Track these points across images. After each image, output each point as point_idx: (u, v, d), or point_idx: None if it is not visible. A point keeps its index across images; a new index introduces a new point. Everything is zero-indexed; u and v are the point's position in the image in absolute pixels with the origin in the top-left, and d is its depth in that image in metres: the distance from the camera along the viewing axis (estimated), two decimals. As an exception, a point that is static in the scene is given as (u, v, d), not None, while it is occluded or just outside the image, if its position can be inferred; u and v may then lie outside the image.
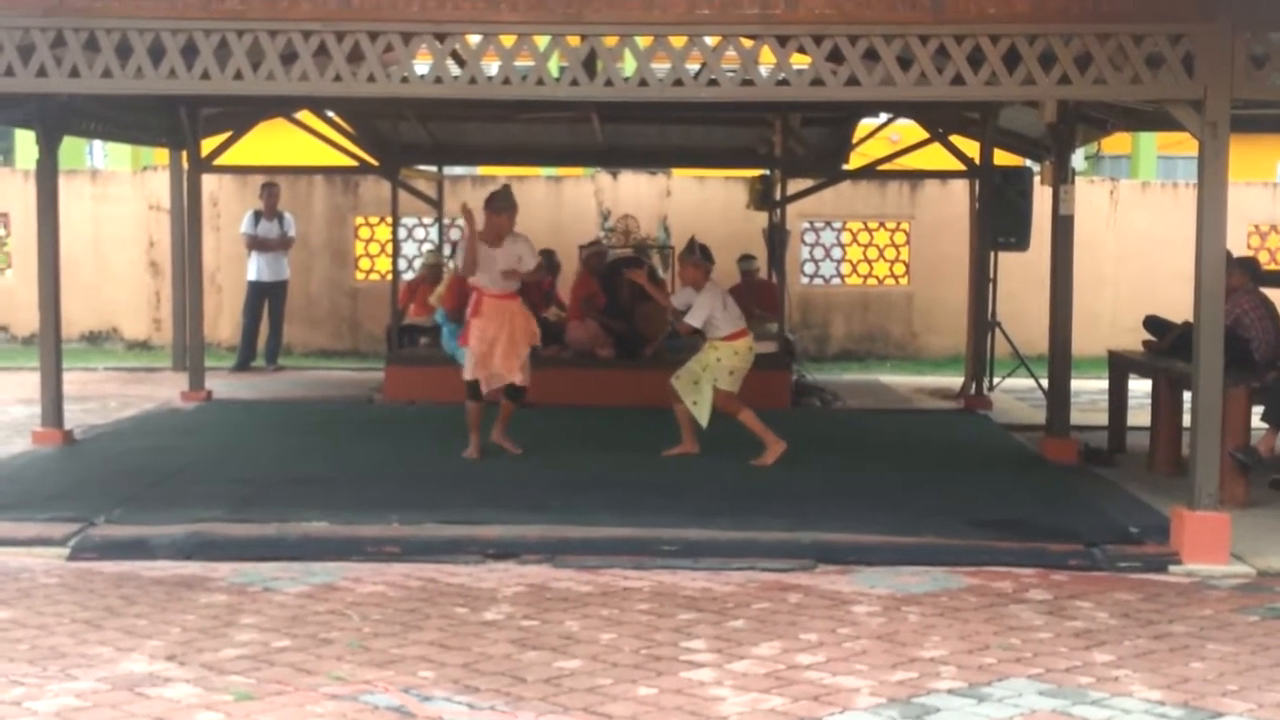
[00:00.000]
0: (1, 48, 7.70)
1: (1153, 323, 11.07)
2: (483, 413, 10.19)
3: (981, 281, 14.15)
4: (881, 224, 18.77)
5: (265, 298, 16.40)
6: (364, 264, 18.70)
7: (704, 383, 10.06)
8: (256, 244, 16.31)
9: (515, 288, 10.23)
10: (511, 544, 7.64)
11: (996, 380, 14.96)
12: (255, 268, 16.37)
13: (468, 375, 10.07)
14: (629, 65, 8.47)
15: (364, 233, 18.65)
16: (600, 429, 11.42)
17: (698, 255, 10.29)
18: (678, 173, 18.91)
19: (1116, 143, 21.16)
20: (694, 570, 7.30)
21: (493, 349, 9.96)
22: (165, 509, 8.26)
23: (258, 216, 16.36)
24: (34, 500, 8.46)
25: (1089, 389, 13.54)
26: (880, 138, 15.86)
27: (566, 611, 6.47)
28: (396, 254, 14.99)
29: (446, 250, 16.62)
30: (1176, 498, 7.98)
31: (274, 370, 16.32)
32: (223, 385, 14.31)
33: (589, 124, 14.36)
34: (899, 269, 18.80)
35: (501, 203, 10.19)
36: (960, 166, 14.20)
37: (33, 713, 5.01)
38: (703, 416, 10.06)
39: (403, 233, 17.64)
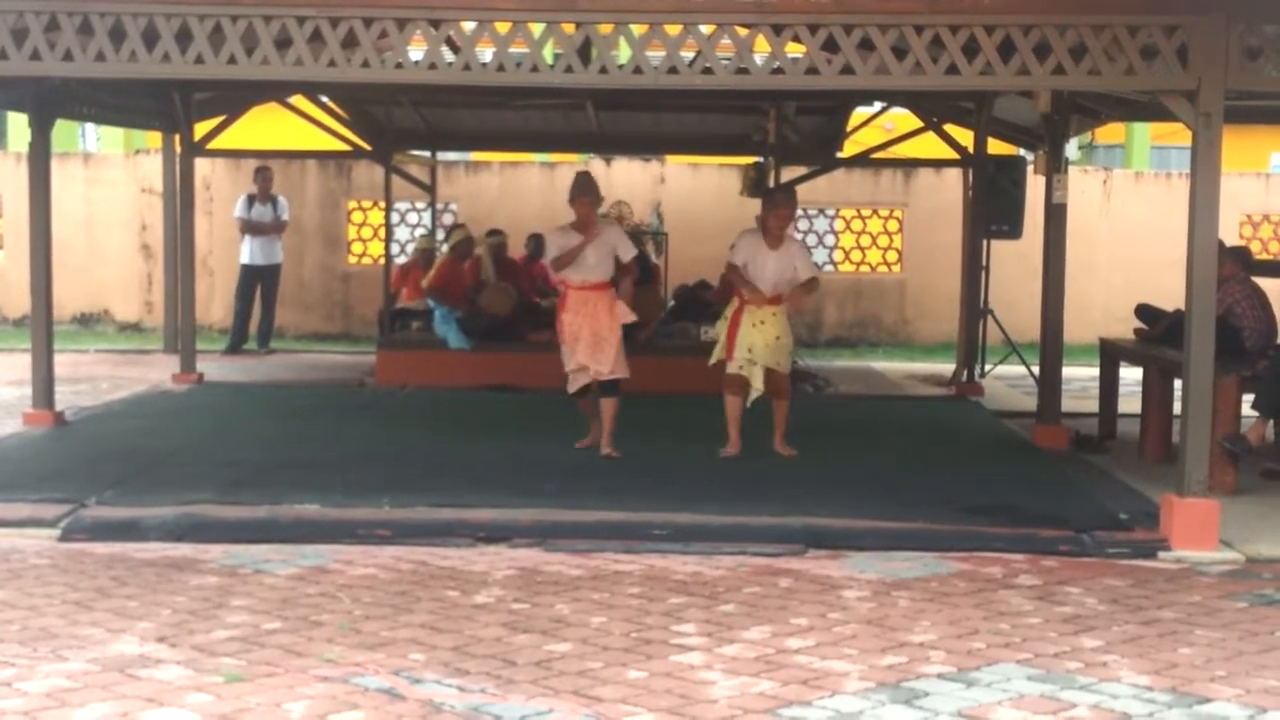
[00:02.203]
0: (-5, 30, 7.69)
1: (1144, 311, 11.09)
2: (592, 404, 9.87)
3: (974, 269, 14.16)
4: (875, 211, 18.80)
5: (257, 281, 16.38)
6: (356, 248, 18.69)
7: (767, 361, 9.72)
8: (250, 228, 16.28)
9: (603, 278, 9.69)
10: (503, 527, 7.66)
11: (988, 367, 14.97)
12: (248, 251, 16.35)
13: (566, 362, 9.74)
14: (624, 53, 8.47)
15: (356, 217, 18.64)
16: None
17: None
18: (672, 159, 18.91)
19: (1110, 132, 21.19)
20: (685, 554, 7.32)
21: (577, 343, 9.57)
22: (156, 491, 8.27)
23: (251, 200, 16.33)
24: (25, 481, 8.47)
25: (1080, 376, 13.56)
26: (874, 126, 15.87)
27: (557, 595, 6.49)
28: (389, 238, 15.02)
29: (439, 235, 16.63)
30: (1166, 485, 8.00)
31: (266, 354, 16.30)
32: (214, 368, 14.31)
33: (583, 111, 14.37)
34: (892, 256, 18.82)
35: (589, 188, 9.80)
36: (954, 155, 14.22)
37: (23, 693, 5.02)
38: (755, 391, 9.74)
39: (395, 217, 17.65)
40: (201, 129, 13.90)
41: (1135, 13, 7.48)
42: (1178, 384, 8.74)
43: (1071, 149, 15.64)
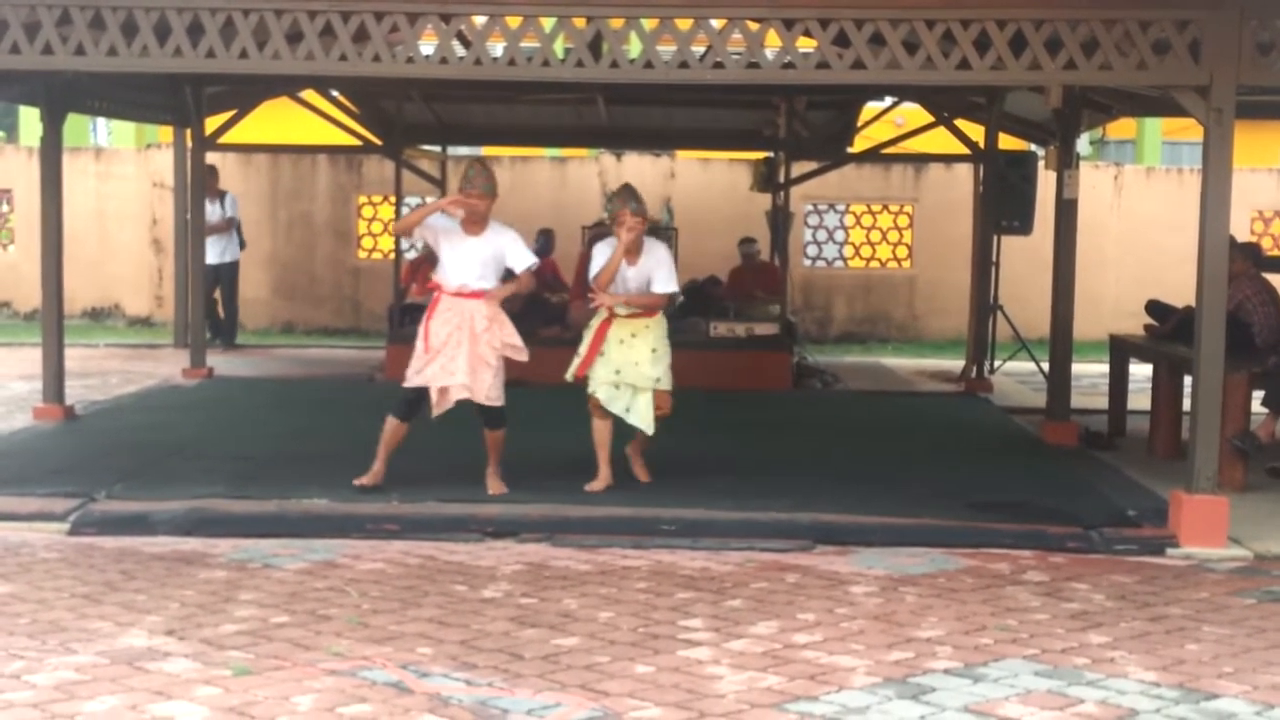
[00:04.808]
0: (7, 25, 7.70)
1: (1155, 307, 11.08)
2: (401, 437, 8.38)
3: (984, 265, 14.17)
4: (885, 207, 18.79)
5: (215, 279, 16.23)
6: (366, 243, 18.72)
7: (646, 376, 8.41)
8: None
9: (482, 287, 8.14)
10: (511, 522, 7.66)
11: (998, 363, 14.98)
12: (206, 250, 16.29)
13: (405, 382, 8.23)
14: (634, 47, 8.46)
15: (367, 212, 18.67)
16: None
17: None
18: (682, 154, 18.91)
19: (1121, 128, 21.18)
20: (692, 550, 7.33)
21: (440, 355, 8.07)
22: (166, 485, 8.29)
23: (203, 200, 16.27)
24: (35, 475, 8.48)
25: (1090, 373, 13.55)
26: (885, 121, 15.86)
27: (565, 590, 6.50)
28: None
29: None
30: (1175, 482, 7.99)
31: (229, 349, 16.02)
32: (224, 363, 14.33)
33: (594, 105, 14.36)
34: (902, 252, 18.81)
35: (475, 177, 8.17)
36: (965, 150, 14.21)
37: (32, 686, 5.04)
38: (648, 423, 8.43)
39: (405, 212, 17.61)
40: (213, 123, 13.93)
41: (1147, 7, 7.46)
42: (1187, 380, 8.74)
43: (1083, 144, 15.65)
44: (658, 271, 8.40)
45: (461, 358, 8.07)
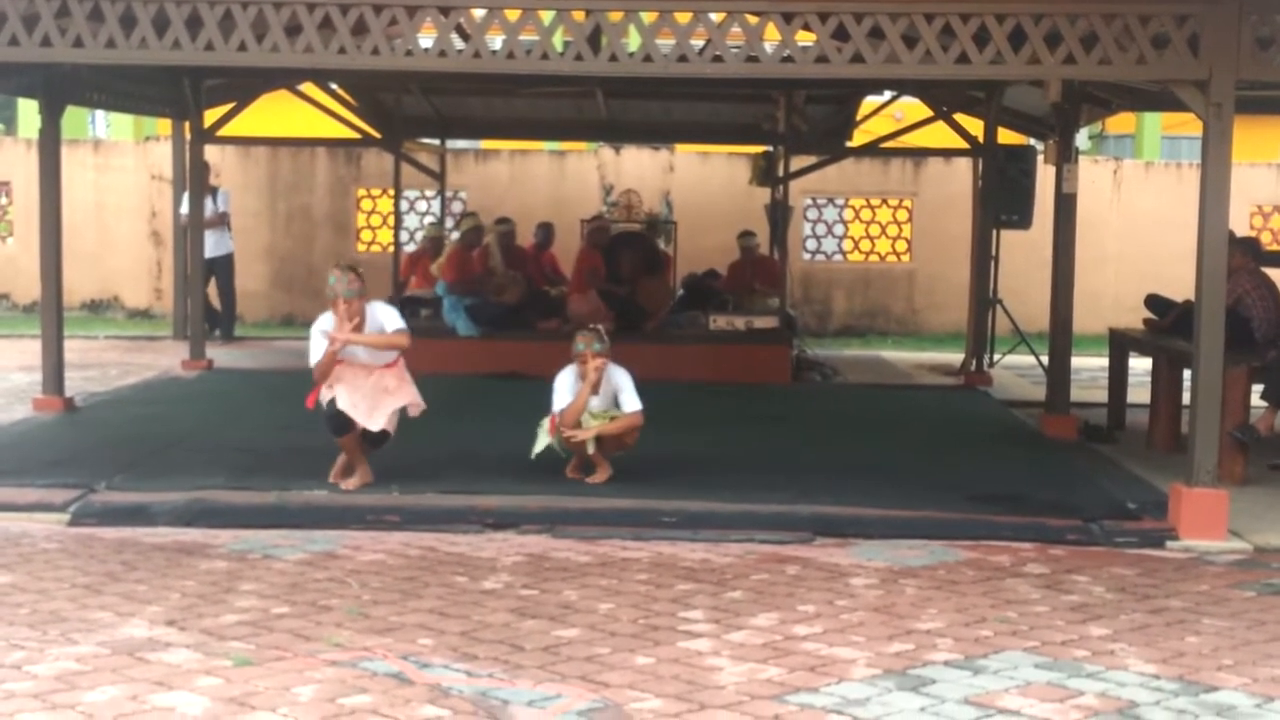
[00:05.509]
0: (6, 17, 7.69)
1: (1154, 301, 11.08)
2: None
3: (983, 259, 14.17)
4: (884, 201, 18.80)
5: (210, 273, 16.16)
6: (365, 235, 18.72)
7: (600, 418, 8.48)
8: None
9: (383, 361, 8.33)
10: (511, 514, 7.67)
11: (997, 357, 14.98)
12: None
13: (324, 397, 8.14)
14: (633, 41, 8.46)
15: (366, 204, 18.66)
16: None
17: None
18: (681, 148, 18.91)
19: (1121, 122, 21.18)
20: (693, 541, 7.33)
21: (339, 383, 8.07)
22: (166, 476, 8.29)
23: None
24: (35, 466, 8.49)
25: (1089, 366, 13.54)
26: (884, 115, 15.87)
27: (565, 581, 6.50)
28: (398, 226, 15.04)
29: (449, 223, 16.64)
30: (1175, 475, 7.99)
31: (227, 342, 15.95)
32: (223, 355, 14.34)
33: (593, 99, 14.38)
34: (901, 246, 18.82)
35: (346, 285, 8.18)
36: (964, 144, 14.21)
37: (33, 676, 5.04)
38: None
39: (404, 205, 17.65)
40: (211, 116, 13.91)
41: (1147, 1, 7.46)
42: (1187, 374, 8.75)
43: (1082, 139, 15.67)
44: (622, 395, 8.54)
45: (363, 401, 8.11)
